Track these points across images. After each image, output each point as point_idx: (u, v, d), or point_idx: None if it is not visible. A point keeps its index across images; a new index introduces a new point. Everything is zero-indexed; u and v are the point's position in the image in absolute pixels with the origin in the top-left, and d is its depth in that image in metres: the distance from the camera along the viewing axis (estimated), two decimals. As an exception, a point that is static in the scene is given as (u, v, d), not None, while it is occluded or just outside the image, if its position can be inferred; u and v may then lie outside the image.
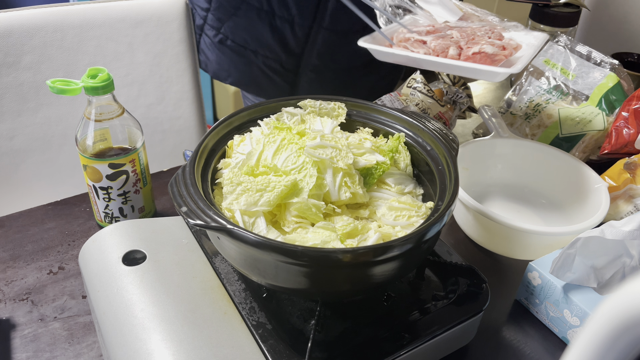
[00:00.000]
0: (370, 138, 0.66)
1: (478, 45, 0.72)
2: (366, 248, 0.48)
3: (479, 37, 0.75)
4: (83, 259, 0.62)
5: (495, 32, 0.77)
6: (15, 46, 0.99)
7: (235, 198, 0.54)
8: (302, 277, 0.49)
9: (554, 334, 0.65)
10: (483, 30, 0.78)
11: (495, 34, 0.77)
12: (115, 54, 1.09)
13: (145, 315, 0.53)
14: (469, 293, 0.60)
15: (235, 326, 0.54)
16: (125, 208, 0.75)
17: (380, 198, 0.60)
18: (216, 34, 1.12)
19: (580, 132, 0.93)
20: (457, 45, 0.74)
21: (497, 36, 0.77)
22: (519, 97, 1.05)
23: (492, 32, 0.77)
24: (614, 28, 1.44)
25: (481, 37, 0.75)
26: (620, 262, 0.63)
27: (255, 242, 0.46)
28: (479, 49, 0.72)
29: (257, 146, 0.59)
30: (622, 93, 0.97)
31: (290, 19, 1.07)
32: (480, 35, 0.76)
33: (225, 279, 0.59)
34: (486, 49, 0.71)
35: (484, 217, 0.71)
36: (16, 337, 0.62)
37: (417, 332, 0.55)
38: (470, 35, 0.76)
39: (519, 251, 0.74)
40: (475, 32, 0.77)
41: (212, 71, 1.19)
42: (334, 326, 0.56)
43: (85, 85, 0.67)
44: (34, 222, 0.80)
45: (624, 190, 0.79)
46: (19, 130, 1.05)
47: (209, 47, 1.16)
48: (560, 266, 0.61)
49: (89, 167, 0.71)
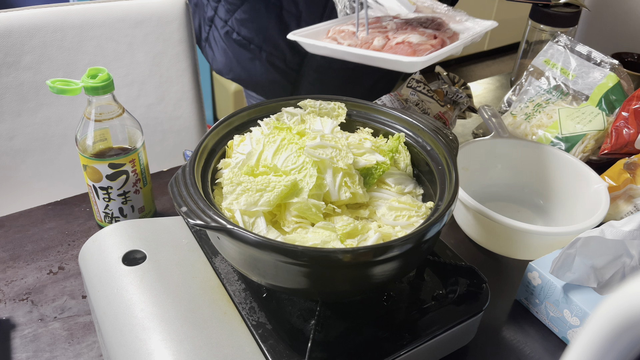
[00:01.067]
0: (370, 138, 0.66)
1: (403, 35, 0.71)
2: (366, 248, 0.48)
3: (412, 28, 0.75)
4: (83, 259, 0.62)
5: (435, 22, 0.77)
6: (15, 46, 0.99)
7: (235, 198, 0.54)
8: (302, 277, 0.49)
9: (554, 334, 0.65)
10: (424, 19, 0.78)
11: (435, 23, 0.77)
12: (115, 54, 1.09)
13: (145, 315, 0.53)
14: (469, 293, 0.60)
15: (235, 326, 0.54)
16: (125, 208, 0.75)
17: (380, 198, 0.60)
18: (224, 26, 1.12)
19: (580, 132, 0.93)
20: (384, 35, 0.73)
21: (436, 26, 0.76)
22: (519, 97, 1.05)
23: (433, 21, 0.77)
24: (614, 28, 1.44)
25: (414, 27, 0.75)
26: (620, 262, 0.63)
27: (255, 242, 0.46)
28: (402, 38, 0.71)
29: (257, 146, 0.59)
30: (622, 93, 0.97)
31: (298, 14, 1.07)
32: (413, 26, 0.75)
33: (225, 279, 0.59)
34: (411, 39, 0.70)
35: (484, 217, 0.71)
36: (16, 337, 0.62)
37: (417, 332, 0.55)
38: (405, 25, 0.76)
39: (519, 251, 0.74)
40: (413, 22, 0.77)
41: (216, 66, 1.19)
42: (334, 326, 0.56)
43: (85, 85, 0.67)
44: (34, 222, 0.80)
45: (624, 190, 0.79)
46: (19, 130, 1.05)
47: (216, 41, 1.16)
48: (560, 266, 0.61)
49: (89, 167, 0.71)
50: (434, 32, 0.73)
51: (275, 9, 1.07)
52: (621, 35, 1.43)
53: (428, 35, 0.72)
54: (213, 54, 1.19)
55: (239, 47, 1.14)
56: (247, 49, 1.13)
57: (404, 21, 0.77)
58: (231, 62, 1.16)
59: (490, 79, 1.34)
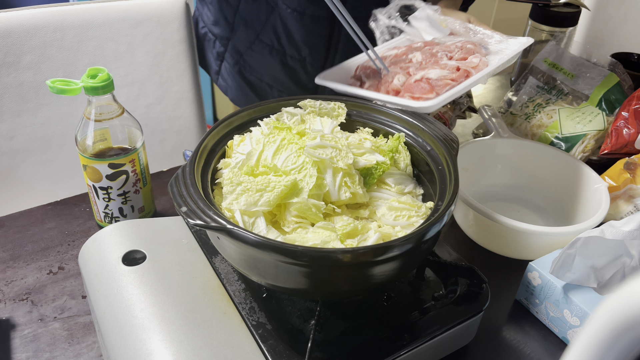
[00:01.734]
0: (370, 138, 0.66)
1: (423, 72, 0.69)
2: (366, 248, 0.48)
3: (434, 61, 0.72)
4: (83, 259, 0.62)
5: (464, 49, 0.73)
6: (15, 46, 0.99)
7: (235, 198, 0.54)
8: (302, 277, 0.49)
9: (554, 334, 0.65)
10: (454, 47, 0.75)
11: (463, 50, 0.73)
12: (115, 54, 1.09)
13: (145, 315, 0.53)
14: (469, 293, 0.60)
15: (235, 326, 0.54)
16: (125, 208, 0.75)
17: (380, 198, 0.60)
18: (235, 64, 1.14)
19: (580, 132, 0.93)
20: (406, 71, 0.71)
21: (464, 54, 0.72)
22: (519, 97, 1.05)
23: (462, 49, 0.74)
24: (614, 28, 1.44)
25: (438, 60, 0.72)
26: (620, 262, 0.63)
27: (255, 242, 0.46)
28: (421, 75, 0.69)
29: (257, 146, 0.59)
30: (622, 93, 0.97)
31: (302, 58, 1.08)
32: (438, 57, 0.73)
33: (225, 279, 0.59)
34: (430, 74, 0.68)
35: (484, 217, 0.71)
36: (16, 337, 0.62)
37: (417, 332, 0.55)
38: (430, 57, 0.73)
39: (519, 251, 0.74)
40: (440, 51, 0.74)
41: (231, 96, 1.21)
42: (334, 326, 0.56)
43: (85, 85, 0.67)
44: (34, 222, 0.80)
45: (624, 190, 0.79)
46: (19, 130, 1.05)
47: (229, 74, 1.17)
48: (560, 266, 0.61)
49: (88, 167, 0.71)
50: (457, 63, 0.71)
51: (278, 54, 1.08)
52: (621, 35, 1.43)
53: (450, 68, 0.70)
54: (227, 85, 1.20)
55: (251, 84, 1.15)
56: (258, 86, 1.15)
57: (430, 52, 0.74)
58: (246, 94, 1.18)
59: (490, 78, 1.34)
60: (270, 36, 1.06)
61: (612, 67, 0.99)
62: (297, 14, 1.01)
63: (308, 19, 1.01)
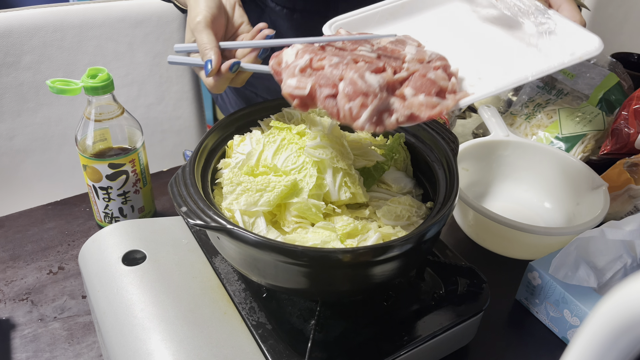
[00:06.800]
0: (370, 138, 0.66)
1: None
2: (366, 248, 0.48)
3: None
4: (83, 259, 0.62)
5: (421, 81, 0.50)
6: (15, 46, 0.99)
7: (235, 198, 0.54)
8: (302, 277, 0.49)
9: (554, 334, 0.65)
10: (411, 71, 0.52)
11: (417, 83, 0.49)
12: (115, 53, 1.09)
13: (145, 315, 0.53)
14: (469, 293, 0.60)
15: (235, 326, 0.54)
16: (125, 208, 0.75)
17: (380, 198, 0.60)
18: None
19: (580, 132, 0.93)
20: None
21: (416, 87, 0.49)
22: (519, 97, 1.05)
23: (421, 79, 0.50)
24: (614, 28, 1.44)
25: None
26: (620, 262, 0.63)
27: (255, 242, 0.46)
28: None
29: (257, 146, 0.59)
30: (622, 93, 0.97)
31: None
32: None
33: (225, 279, 0.59)
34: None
35: (484, 217, 0.71)
36: (16, 337, 0.62)
37: (417, 332, 0.55)
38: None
39: (519, 251, 0.74)
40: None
41: (232, 108, 1.20)
42: (334, 326, 0.56)
43: (85, 85, 0.67)
44: (33, 222, 0.80)
45: (624, 190, 0.79)
46: (19, 130, 1.05)
47: (226, 92, 1.16)
48: (560, 266, 0.61)
49: (88, 167, 0.71)
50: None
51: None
52: (621, 35, 1.43)
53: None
54: (223, 102, 1.18)
55: (248, 99, 1.14)
56: (255, 100, 1.14)
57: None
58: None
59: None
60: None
61: (612, 67, 0.99)
62: (287, 11, 0.99)
63: (299, 15, 0.99)
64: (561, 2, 0.62)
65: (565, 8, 0.62)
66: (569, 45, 0.56)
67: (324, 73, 0.48)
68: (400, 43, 0.56)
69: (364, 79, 0.46)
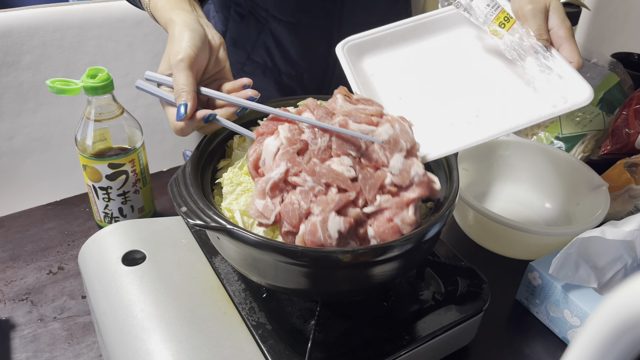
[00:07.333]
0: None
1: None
2: (366, 248, 0.48)
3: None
4: (83, 259, 0.62)
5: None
6: (15, 46, 0.99)
7: (235, 198, 0.54)
8: (302, 277, 0.49)
9: (554, 334, 0.65)
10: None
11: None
12: (115, 53, 1.09)
13: (145, 315, 0.53)
14: (469, 293, 0.60)
15: (235, 326, 0.54)
16: (125, 208, 0.75)
17: (380, 198, 0.60)
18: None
19: (580, 132, 0.93)
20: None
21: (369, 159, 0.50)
22: (519, 97, 1.05)
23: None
24: (614, 28, 1.44)
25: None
26: (620, 262, 0.63)
27: (255, 242, 0.46)
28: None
29: (257, 146, 0.59)
30: (622, 93, 0.97)
31: (299, 75, 1.03)
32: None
33: (225, 279, 0.59)
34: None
35: (484, 217, 0.71)
36: (16, 337, 0.62)
37: (417, 333, 0.55)
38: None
39: (519, 251, 0.74)
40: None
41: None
42: (334, 326, 0.56)
43: (85, 85, 0.67)
44: (33, 222, 0.80)
45: (624, 190, 0.79)
46: (19, 130, 1.05)
47: None
48: (560, 266, 0.61)
49: (88, 167, 0.71)
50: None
51: (272, 73, 1.03)
52: (621, 35, 1.43)
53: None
54: None
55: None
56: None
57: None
58: None
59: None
60: (262, 55, 1.01)
61: (612, 67, 0.99)
62: (291, 26, 0.98)
63: (303, 30, 0.97)
64: (562, 41, 0.62)
65: (565, 48, 0.62)
66: (563, 90, 0.59)
67: (291, 203, 0.47)
68: (392, 145, 0.50)
69: (326, 226, 0.46)
